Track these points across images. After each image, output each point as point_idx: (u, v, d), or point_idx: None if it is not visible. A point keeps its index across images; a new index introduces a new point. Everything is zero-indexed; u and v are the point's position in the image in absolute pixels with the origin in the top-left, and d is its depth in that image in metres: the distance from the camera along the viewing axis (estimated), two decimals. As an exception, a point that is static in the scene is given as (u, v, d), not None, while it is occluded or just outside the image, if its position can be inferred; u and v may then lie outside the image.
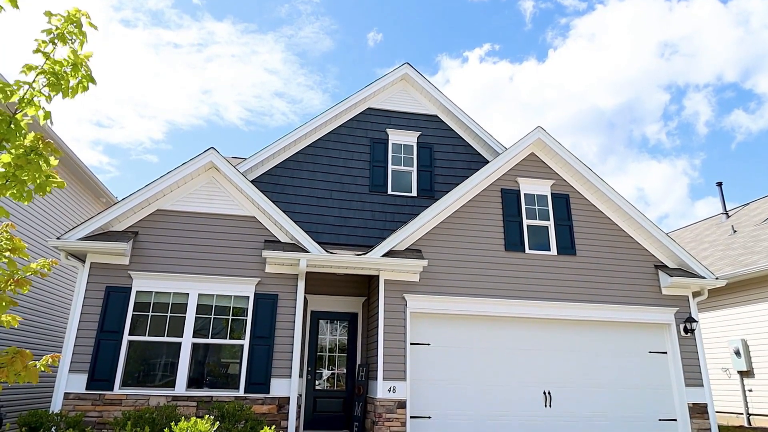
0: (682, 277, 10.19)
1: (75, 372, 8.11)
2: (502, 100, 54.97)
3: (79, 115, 45.23)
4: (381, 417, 8.59)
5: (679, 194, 54.82)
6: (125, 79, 45.34)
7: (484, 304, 9.57)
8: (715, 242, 16.63)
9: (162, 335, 8.61)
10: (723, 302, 13.71)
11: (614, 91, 50.17)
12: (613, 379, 9.83)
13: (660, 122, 51.33)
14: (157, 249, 8.97)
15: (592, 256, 10.36)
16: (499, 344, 9.66)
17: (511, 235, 10.19)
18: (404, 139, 12.06)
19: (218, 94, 48.20)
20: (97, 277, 8.63)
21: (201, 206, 9.37)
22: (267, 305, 8.98)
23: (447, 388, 9.23)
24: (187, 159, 9.31)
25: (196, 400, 8.31)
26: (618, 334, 10.12)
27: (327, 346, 10.62)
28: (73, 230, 8.56)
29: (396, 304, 9.27)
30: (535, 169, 10.80)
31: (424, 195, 11.61)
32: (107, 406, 8.05)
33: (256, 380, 8.58)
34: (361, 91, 12.00)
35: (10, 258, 3.13)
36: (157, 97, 47.75)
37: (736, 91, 45.24)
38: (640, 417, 9.68)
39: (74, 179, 12.74)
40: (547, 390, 9.53)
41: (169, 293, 8.81)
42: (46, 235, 11.25)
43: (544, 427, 9.29)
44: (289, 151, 11.45)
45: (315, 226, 10.71)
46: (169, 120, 49.06)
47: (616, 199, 10.55)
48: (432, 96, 12.35)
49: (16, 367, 2.79)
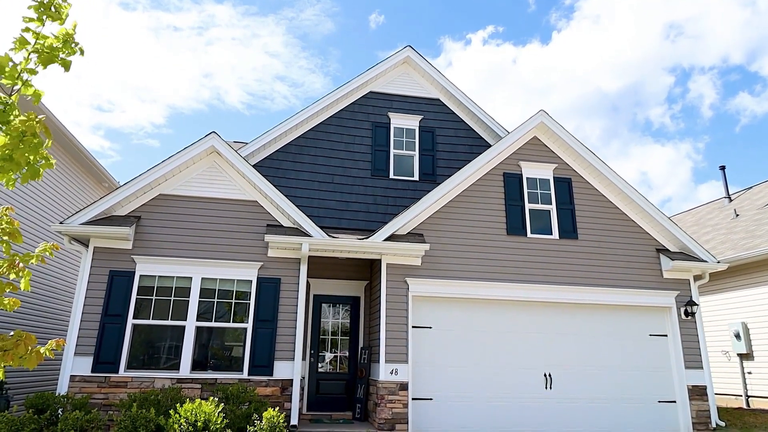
0: (683, 261, 10.20)
1: (80, 355, 8.20)
2: (505, 83, 54.56)
3: (79, 99, 45.10)
4: (383, 399, 8.69)
5: (682, 178, 54.63)
6: (125, 62, 45.08)
7: (485, 288, 9.62)
8: (717, 226, 16.60)
9: (166, 319, 8.68)
10: (724, 286, 13.74)
11: (618, 74, 49.72)
12: (614, 361, 9.90)
13: (664, 105, 50.94)
14: (159, 233, 9.01)
15: (594, 240, 10.37)
16: (501, 327, 9.73)
17: (513, 219, 10.20)
18: (406, 123, 12.01)
19: (219, 77, 47.95)
20: (100, 262, 8.69)
21: (203, 191, 9.39)
22: (270, 289, 9.04)
23: (448, 370, 9.32)
24: (188, 143, 9.31)
25: (200, 382, 8.41)
26: (619, 318, 10.17)
27: (329, 329, 10.71)
28: (76, 215, 8.59)
29: (398, 287, 9.31)
30: (537, 153, 10.76)
31: (426, 179, 11.59)
32: (113, 388, 8.15)
33: (259, 363, 8.68)
34: (363, 75, 11.92)
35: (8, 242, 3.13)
36: (157, 81, 47.53)
37: (741, 73, 44.78)
38: (640, 399, 9.77)
39: (76, 164, 12.74)
40: (548, 372, 9.61)
41: (173, 277, 8.87)
42: (49, 220, 11.29)
43: (545, 409, 9.40)
44: (291, 135, 11.42)
45: (317, 211, 10.72)
46: (170, 104, 48.89)
47: (619, 183, 10.53)
48: (434, 79, 12.26)
49: (20, 351, 2.82)
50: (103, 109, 45.99)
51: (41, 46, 2.76)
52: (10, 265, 3.04)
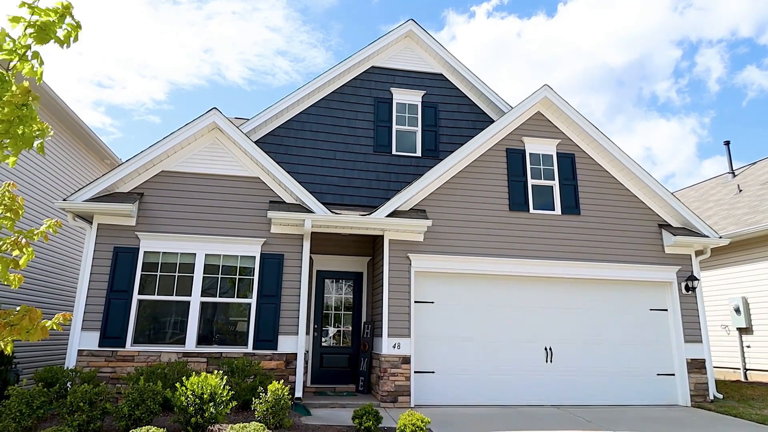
0: (685, 236, 10.21)
1: (87, 330, 8.33)
2: (510, 57, 53.81)
3: (79, 75, 44.73)
4: (386, 372, 8.83)
5: (686, 153, 54.24)
6: (124, 38, 44.57)
7: (487, 264, 9.67)
8: (720, 201, 16.55)
9: (171, 294, 8.78)
10: (725, 261, 13.77)
11: (624, 48, 48.96)
12: (614, 335, 10.00)
13: (670, 79, 50.27)
14: (163, 210, 9.05)
15: (597, 215, 10.37)
16: (502, 302, 9.81)
17: (516, 195, 10.19)
18: (409, 99, 11.91)
19: (219, 53, 47.42)
20: (104, 238, 8.75)
21: (205, 167, 9.39)
22: (273, 265, 9.11)
23: (450, 344, 9.44)
24: (189, 120, 9.28)
25: (206, 356, 8.55)
26: (619, 293, 10.24)
27: (333, 304, 10.82)
28: (79, 192, 8.62)
29: (400, 263, 9.37)
30: (540, 128, 10.68)
31: (429, 155, 11.55)
32: (120, 362, 8.30)
33: (263, 337, 8.80)
34: (365, 49, 11.78)
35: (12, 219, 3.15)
36: (157, 57, 47.06)
37: (750, 46, 44.05)
38: (639, 372, 9.90)
39: (77, 141, 12.72)
40: (549, 346, 9.73)
41: (177, 254, 8.93)
42: (52, 197, 11.34)
43: (545, 381, 9.54)
44: (293, 111, 11.34)
45: (319, 187, 10.72)
46: (170, 80, 48.48)
47: (622, 158, 10.47)
48: (437, 54, 12.11)
49: (25, 325, 2.87)
50: (104, 86, 45.68)
51: (37, 21, 2.73)
52: (14, 242, 3.07)
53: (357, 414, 6.75)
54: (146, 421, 6.19)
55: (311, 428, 6.82)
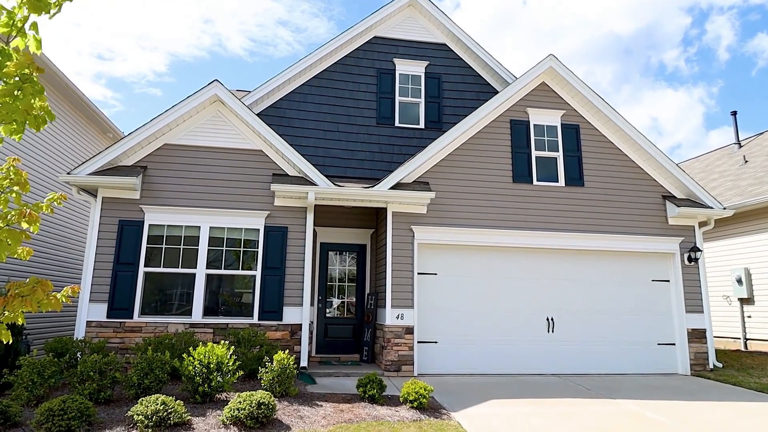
0: (689, 208, 10.20)
1: (95, 302, 8.45)
2: (515, 26, 52.82)
3: (78, 48, 44.21)
4: (390, 342, 8.97)
5: (693, 123, 53.64)
6: (124, 8, 43.85)
7: (490, 235, 9.70)
8: (725, 172, 16.45)
9: (176, 267, 8.87)
10: (728, 232, 13.77)
11: (632, 16, 47.94)
12: (615, 306, 10.09)
13: (679, 48, 49.37)
14: (166, 183, 9.07)
15: (600, 187, 10.34)
16: (505, 274, 9.88)
17: (520, 167, 10.15)
18: (412, 69, 11.76)
19: (220, 23, 46.68)
20: (109, 212, 8.80)
21: (208, 140, 9.37)
22: (277, 237, 9.17)
23: (453, 315, 9.55)
24: (191, 92, 9.22)
25: (212, 327, 8.69)
26: (622, 264, 10.29)
27: (336, 276, 10.92)
28: (83, 165, 8.63)
29: (404, 235, 9.41)
30: (545, 99, 10.57)
31: (432, 127, 11.47)
32: (128, 333, 8.45)
33: (269, 308, 8.92)
34: (367, 19, 11.59)
35: (18, 192, 3.18)
36: (157, 28, 46.37)
37: (761, 13, 43.07)
38: (640, 341, 10.02)
39: (79, 114, 12.67)
40: (550, 317, 9.83)
41: (181, 226, 8.99)
42: (56, 171, 11.36)
43: (547, 351, 9.68)
44: (295, 83, 11.24)
45: (322, 159, 10.70)
46: (171, 51, 47.90)
47: (627, 129, 10.38)
48: (440, 23, 11.91)
49: (38, 296, 2.92)
50: (104, 58, 45.19)
51: None
52: (21, 214, 3.10)
53: (361, 382, 6.89)
54: (155, 389, 6.34)
55: (317, 396, 6.97)
